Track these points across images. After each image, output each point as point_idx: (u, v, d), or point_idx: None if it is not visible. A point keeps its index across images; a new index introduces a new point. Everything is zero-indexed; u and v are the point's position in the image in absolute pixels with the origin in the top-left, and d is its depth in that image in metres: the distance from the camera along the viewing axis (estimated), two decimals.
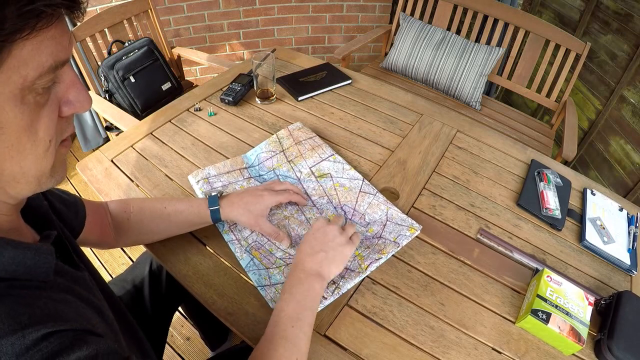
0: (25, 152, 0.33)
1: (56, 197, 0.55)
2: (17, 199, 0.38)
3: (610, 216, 0.87)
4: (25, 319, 0.31)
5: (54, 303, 0.35)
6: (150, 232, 0.69)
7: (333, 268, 0.61)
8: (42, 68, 0.31)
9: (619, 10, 1.62)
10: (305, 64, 1.29)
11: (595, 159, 1.80)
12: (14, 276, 0.34)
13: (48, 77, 0.32)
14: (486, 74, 1.75)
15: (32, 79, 0.31)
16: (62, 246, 0.45)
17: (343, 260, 0.63)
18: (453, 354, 0.61)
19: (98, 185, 0.83)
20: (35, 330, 0.31)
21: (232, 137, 0.97)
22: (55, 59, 0.32)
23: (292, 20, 2.41)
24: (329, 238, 0.63)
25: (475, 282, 0.71)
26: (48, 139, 0.34)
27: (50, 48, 0.31)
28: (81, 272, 0.44)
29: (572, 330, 0.60)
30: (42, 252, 0.37)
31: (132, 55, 1.48)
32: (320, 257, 0.61)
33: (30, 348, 0.30)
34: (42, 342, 0.30)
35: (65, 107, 0.36)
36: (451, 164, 0.95)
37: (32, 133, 0.33)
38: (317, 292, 0.58)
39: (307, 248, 0.62)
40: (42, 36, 0.30)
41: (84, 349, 0.32)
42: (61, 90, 0.35)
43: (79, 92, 0.36)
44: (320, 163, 0.88)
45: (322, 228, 0.65)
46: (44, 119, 0.33)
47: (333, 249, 0.62)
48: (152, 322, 0.84)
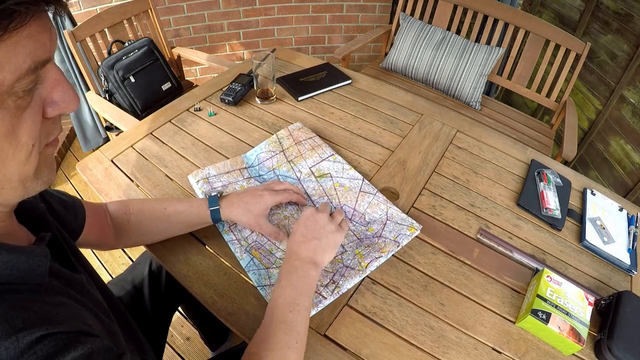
0: (7, 159, 0.31)
1: (55, 199, 0.55)
2: (6, 206, 0.36)
3: (610, 216, 0.87)
4: (19, 323, 0.30)
5: (48, 306, 0.34)
6: (150, 232, 0.69)
7: (326, 255, 0.62)
8: (20, 71, 0.29)
9: (619, 10, 1.62)
10: (305, 64, 1.29)
11: (595, 159, 1.80)
12: (8, 280, 0.33)
13: (28, 79, 0.30)
14: (486, 74, 1.75)
15: (10, 82, 0.29)
16: (58, 248, 0.45)
17: (335, 246, 0.64)
18: (453, 354, 0.61)
19: (98, 185, 0.83)
20: (30, 333, 0.30)
21: (232, 137, 0.97)
22: (34, 59, 0.30)
23: (292, 20, 2.41)
24: (320, 225, 0.64)
25: (475, 282, 0.71)
26: (31, 144, 0.32)
27: (28, 48, 0.29)
28: (78, 275, 0.44)
29: (572, 330, 0.60)
30: (36, 254, 0.36)
31: (132, 55, 1.48)
32: (314, 244, 0.62)
33: (24, 352, 0.29)
34: (36, 345, 0.30)
35: (49, 108, 0.34)
36: (451, 164, 0.95)
37: (14, 139, 0.31)
38: (312, 278, 0.59)
39: (299, 237, 0.63)
40: (16, 37, 0.28)
41: (78, 349, 0.32)
42: (45, 91, 0.33)
43: (65, 91, 0.34)
44: (320, 163, 0.88)
45: (312, 216, 0.66)
46: (27, 122, 0.31)
47: (325, 236, 0.63)
48: (152, 322, 0.84)
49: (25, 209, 0.43)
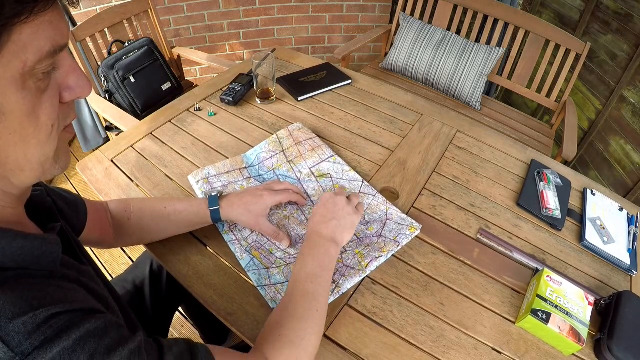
0: (28, 138, 0.33)
1: (58, 196, 0.55)
2: (21, 189, 0.38)
3: (610, 216, 0.87)
4: (36, 303, 0.32)
5: (62, 290, 0.36)
6: (150, 232, 0.69)
7: (345, 234, 0.66)
8: (42, 53, 0.31)
9: (619, 10, 1.62)
10: (305, 64, 1.29)
11: (595, 159, 1.80)
12: (23, 265, 0.35)
13: (47, 62, 0.32)
14: (486, 74, 1.75)
15: (32, 63, 0.31)
16: (66, 240, 0.45)
17: (352, 227, 0.68)
18: (453, 354, 0.61)
19: (98, 185, 0.83)
20: (46, 310, 0.32)
21: (232, 137, 0.97)
22: (54, 43, 0.32)
23: (292, 20, 2.41)
24: (340, 207, 0.68)
25: (475, 282, 0.71)
26: (50, 124, 0.35)
27: (48, 32, 0.32)
28: (85, 266, 0.45)
29: (572, 330, 0.60)
30: (49, 242, 0.38)
31: (132, 55, 1.48)
32: (334, 224, 0.65)
33: (41, 325, 0.31)
34: (52, 319, 0.32)
35: (65, 92, 0.36)
36: (451, 164, 0.95)
37: (35, 118, 0.33)
38: (332, 255, 0.62)
39: (319, 217, 0.67)
40: (39, 20, 0.31)
41: (92, 322, 0.34)
42: (61, 76, 0.35)
43: (79, 77, 0.36)
44: (320, 164, 0.88)
45: (332, 199, 0.69)
46: (46, 104, 0.34)
47: (344, 217, 0.67)
48: (152, 322, 0.84)
49: (33, 202, 0.44)
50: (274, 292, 0.65)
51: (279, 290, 0.65)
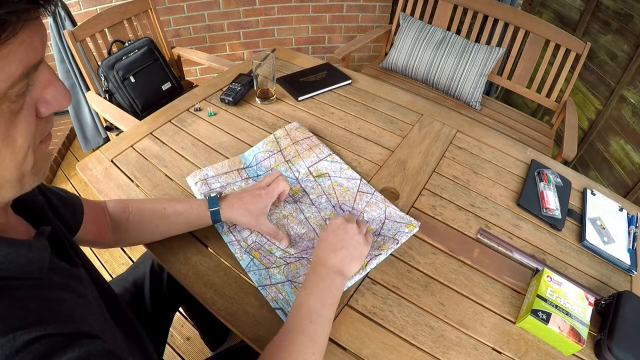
0: (4, 161, 0.32)
1: (54, 195, 0.55)
2: (3, 203, 0.36)
3: (610, 216, 0.87)
4: (16, 322, 0.30)
5: (48, 303, 0.34)
6: (149, 232, 0.69)
7: (353, 265, 0.62)
8: (13, 78, 0.29)
9: (619, 10, 1.62)
10: (305, 64, 1.29)
11: (595, 159, 1.80)
12: (7, 275, 0.33)
13: (20, 85, 0.30)
14: (486, 74, 1.75)
15: (3, 90, 0.29)
16: (58, 242, 0.45)
17: (361, 258, 0.64)
18: (453, 354, 0.61)
19: (98, 185, 0.83)
20: (27, 332, 0.30)
21: (232, 137, 0.97)
22: (27, 64, 0.30)
23: (292, 20, 2.41)
24: (350, 236, 0.63)
25: (475, 282, 0.71)
26: (27, 145, 0.33)
27: (19, 55, 0.29)
28: (77, 268, 0.44)
29: (572, 330, 0.60)
30: (36, 248, 0.36)
31: (132, 55, 1.48)
32: (343, 254, 0.61)
33: (20, 350, 0.29)
34: (32, 344, 0.30)
35: (42, 107, 0.34)
36: (451, 164, 0.95)
37: (10, 142, 0.31)
38: (338, 287, 0.59)
39: (328, 245, 0.63)
40: (9, 46, 0.28)
41: (75, 351, 0.32)
42: (37, 92, 0.33)
43: (56, 89, 0.34)
44: (318, 163, 0.88)
45: (343, 225, 0.64)
46: (21, 124, 0.31)
47: (354, 246, 0.63)
48: (152, 322, 0.84)
49: (23, 202, 0.43)
50: (274, 292, 0.65)
51: (279, 289, 0.65)
